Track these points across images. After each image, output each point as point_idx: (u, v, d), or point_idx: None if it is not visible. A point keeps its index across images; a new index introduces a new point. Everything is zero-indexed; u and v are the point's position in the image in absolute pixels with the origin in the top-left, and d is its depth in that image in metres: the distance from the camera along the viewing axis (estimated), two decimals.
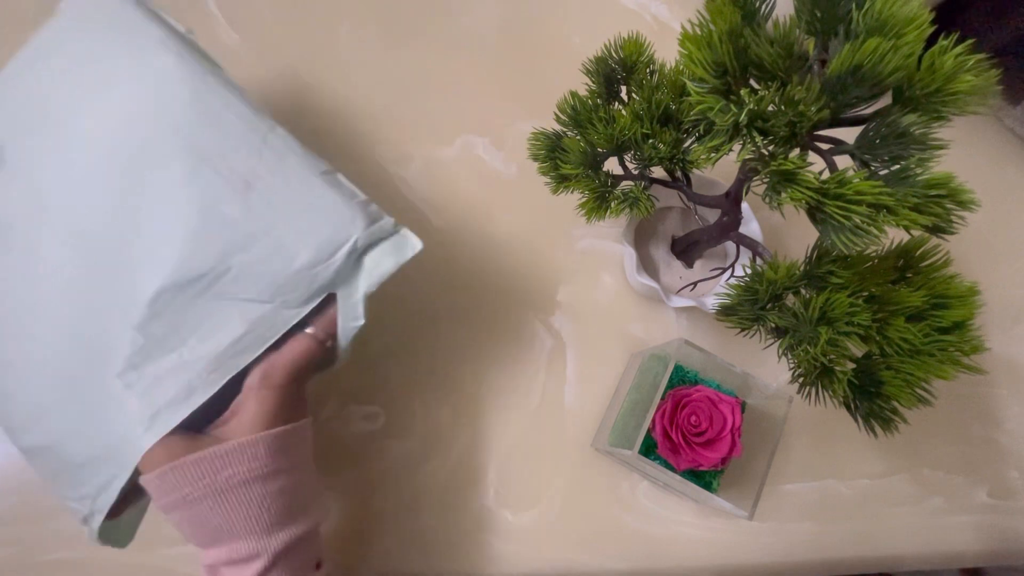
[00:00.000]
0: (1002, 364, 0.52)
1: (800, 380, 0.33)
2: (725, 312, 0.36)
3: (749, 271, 0.35)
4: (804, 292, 0.33)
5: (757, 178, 0.32)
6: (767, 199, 0.30)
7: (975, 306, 0.31)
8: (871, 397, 0.32)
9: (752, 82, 0.30)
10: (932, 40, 0.27)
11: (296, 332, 0.34)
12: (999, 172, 0.58)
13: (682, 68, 0.37)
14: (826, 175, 0.29)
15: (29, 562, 0.45)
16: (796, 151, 0.30)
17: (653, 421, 0.41)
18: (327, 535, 0.46)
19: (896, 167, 0.28)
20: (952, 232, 0.29)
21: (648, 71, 0.39)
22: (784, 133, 0.28)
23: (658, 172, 0.42)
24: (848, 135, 0.30)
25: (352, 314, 0.34)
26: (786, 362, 0.33)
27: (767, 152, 0.29)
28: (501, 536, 0.47)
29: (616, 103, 0.41)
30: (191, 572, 0.45)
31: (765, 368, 0.50)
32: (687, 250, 0.50)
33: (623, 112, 0.39)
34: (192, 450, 0.31)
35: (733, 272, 0.46)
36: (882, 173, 0.29)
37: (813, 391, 0.33)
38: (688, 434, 0.41)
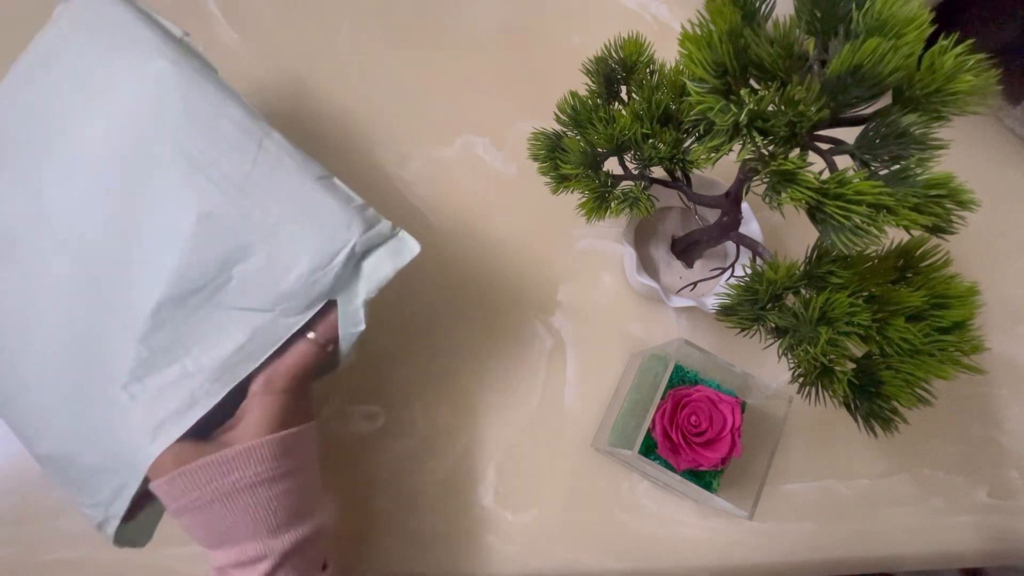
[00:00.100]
0: (1002, 364, 0.52)
1: (800, 380, 0.33)
2: (725, 312, 0.36)
3: (749, 271, 0.35)
4: (804, 292, 0.33)
5: (757, 178, 0.32)
6: (767, 199, 0.30)
7: (975, 306, 0.31)
8: (871, 397, 0.32)
9: (752, 82, 0.30)
10: (932, 40, 0.27)
11: (298, 337, 0.34)
12: (999, 172, 0.58)
13: (682, 68, 0.37)
14: (826, 175, 0.29)
15: (30, 562, 0.45)
16: (796, 151, 0.30)
17: (653, 421, 0.41)
18: None
19: (896, 167, 0.28)
20: (952, 232, 0.29)
21: (648, 71, 0.39)
22: (784, 133, 0.28)
23: (658, 172, 0.42)
24: (848, 135, 0.30)
25: (352, 320, 0.34)
26: (786, 362, 0.33)
27: (767, 152, 0.29)
28: (501, 536, 0.47)
29: (616, 103, 0.41)
30: (193, 572, 0.45)
31: (765, 368, 0.50)
32: (687, 250, 0.50)
33: (623, 112, 0.39)
34: (199, 455, 0.31)
35: (733, 272, 0.46)
36: (882, 173, 0.29)
37: (813, 391, 0.33)
38: (688, 434, 0.41)
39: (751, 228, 0.48)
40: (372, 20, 0.59)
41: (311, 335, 0.34)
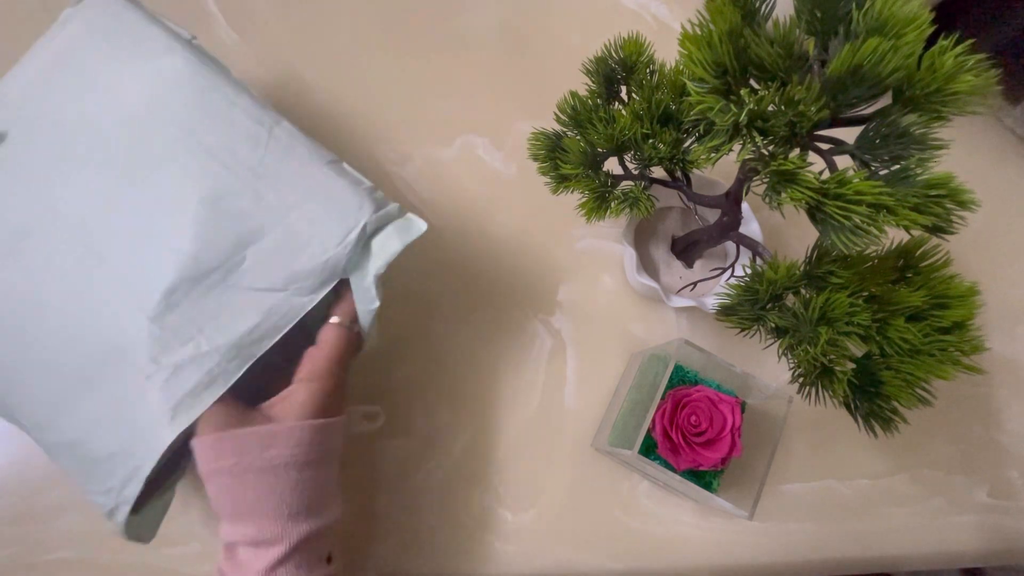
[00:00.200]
0: (1002, 364, 0.52)
1: (800, 380, 0.33)
2: (725, 312, 0.36)
3: (749, 271, 0.35)
4: (804, 292, 0.33)
5: (757, 178, 0.32)
6: (767, 199, 0.30)
7: (975, 306, 0.31)
8: (871, 397, 0.32)
9: (752, 82, 0.30)
10: (932, 40, 0.27)
11: (325, 325, 0.36)
12: (999, 172, 0.58)
13: (682, 68, 0.37)
14: (826, 175, 0.29)
15: (30, 562, 0.45)
16: (796, 151, 0.30)
17: (653, 421, 0.41)
18: None
19: (896, 167, 0.28)
20: (952, 232, 0.29)
21: (648, 71, 0.39)
22: (784, 133, 0.28)
23: (658, 172, 0.42)
24: (848, 135, 0.30)
25: (367, 297, 0.35)
26: (786, 362, 0.33)
27: (767, 152, 0.29)
28: (501, 536, 0.47)
29: (616, 103, 0.41)
30: (193, 572, 0.45)
31: (765, 368, 0.50)
32: (687, 250, 0.50)
33: (623, 112, 0.39)
34: (245, 423, 0.32)
35: (733, 272, 0.46)
36: (882, 173, 0.29)
37: (813, 391, 0.33)
38: (688, 434, 0.41)
39: (751, 228, 0.48)
40: (372, 20, 0.59)
41: (335, 320, 0.36)
